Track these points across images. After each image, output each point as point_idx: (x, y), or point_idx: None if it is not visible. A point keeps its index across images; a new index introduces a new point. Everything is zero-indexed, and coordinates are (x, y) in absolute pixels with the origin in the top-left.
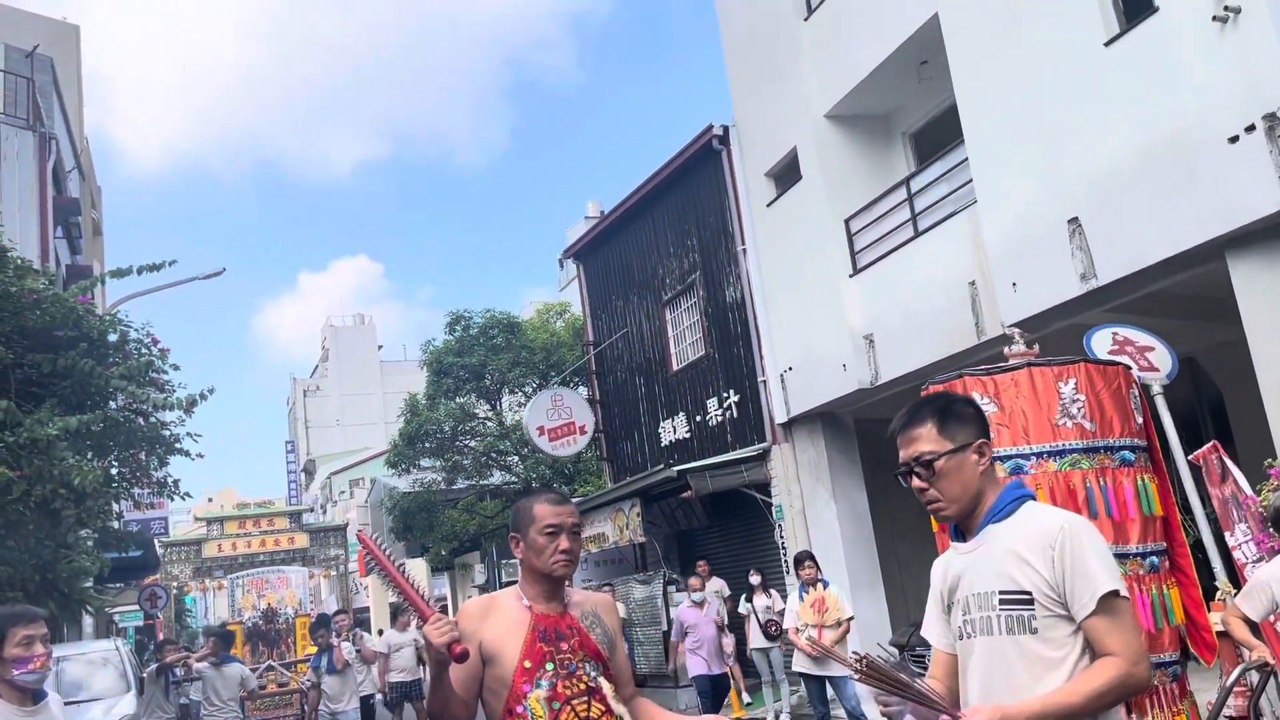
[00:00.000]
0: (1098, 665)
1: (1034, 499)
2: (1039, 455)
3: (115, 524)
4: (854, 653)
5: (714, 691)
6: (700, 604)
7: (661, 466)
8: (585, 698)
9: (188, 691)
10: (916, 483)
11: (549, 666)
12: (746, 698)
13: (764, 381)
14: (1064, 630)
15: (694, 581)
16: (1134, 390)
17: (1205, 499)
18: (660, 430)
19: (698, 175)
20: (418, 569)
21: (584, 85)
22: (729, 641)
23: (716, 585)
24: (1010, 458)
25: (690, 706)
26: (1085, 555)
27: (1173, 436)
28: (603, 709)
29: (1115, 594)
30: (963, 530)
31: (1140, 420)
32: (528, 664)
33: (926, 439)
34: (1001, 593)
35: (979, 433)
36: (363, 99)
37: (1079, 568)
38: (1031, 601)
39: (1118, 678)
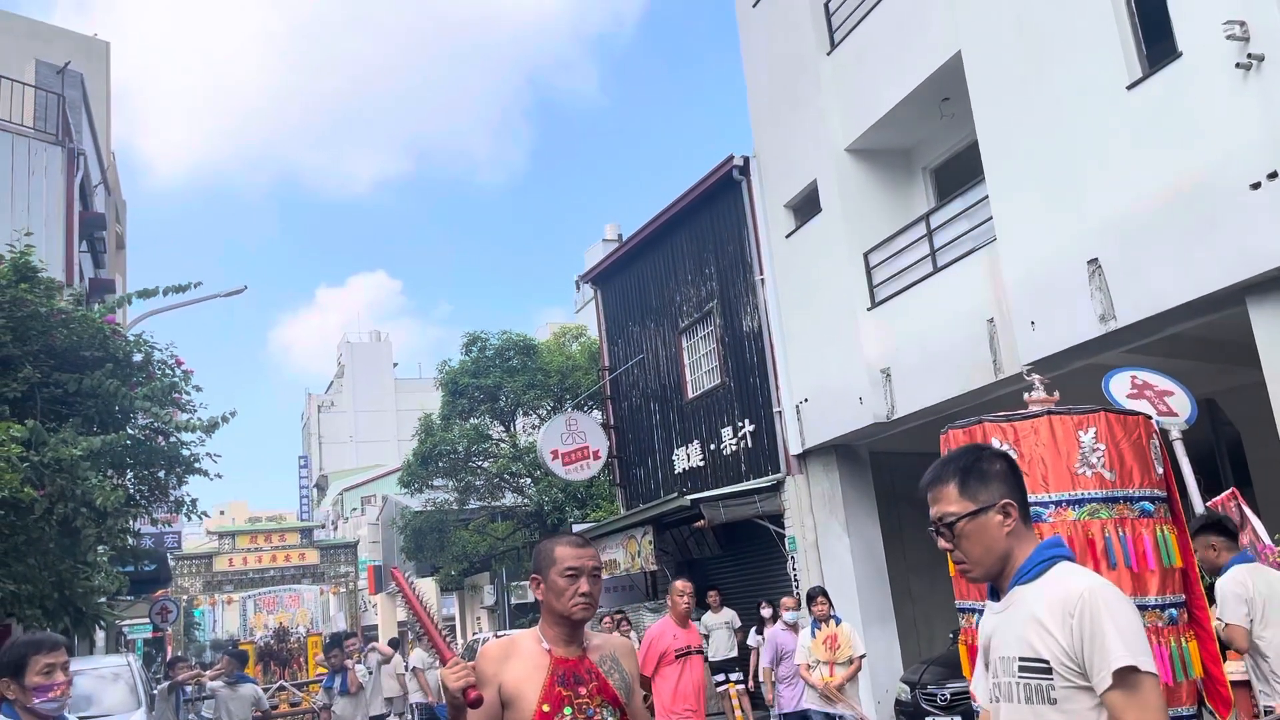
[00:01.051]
0: None
1: (1069, 559)
2: (1058, 504)
3: (132, 541)
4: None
5: None
6: (793, 626)
7: (675, 495)
8: None
9: (199, 709)
10: (942, 543)
11: (567, 711)
12: None
13: (779, 412)
14: (1084, 703)
15: (788, 601)
16: (1154, 440)
17: None
18: (674, 458)
19: (717, 204)
20: (427, 589)
21: (605, 107)
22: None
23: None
24: (1031, 505)
25: None
26: (1103, 625)
27: (1191, 483)
28: None
29: (1134, 670)
30: (996, 588)
31: (1160, 471)
32: (546, 708)
33: (949, 499)
34: (1020, 659)
35: (1004, 492)
36: (384, 116)
37: (1097, 638)
38: (1050, 671)
39: None
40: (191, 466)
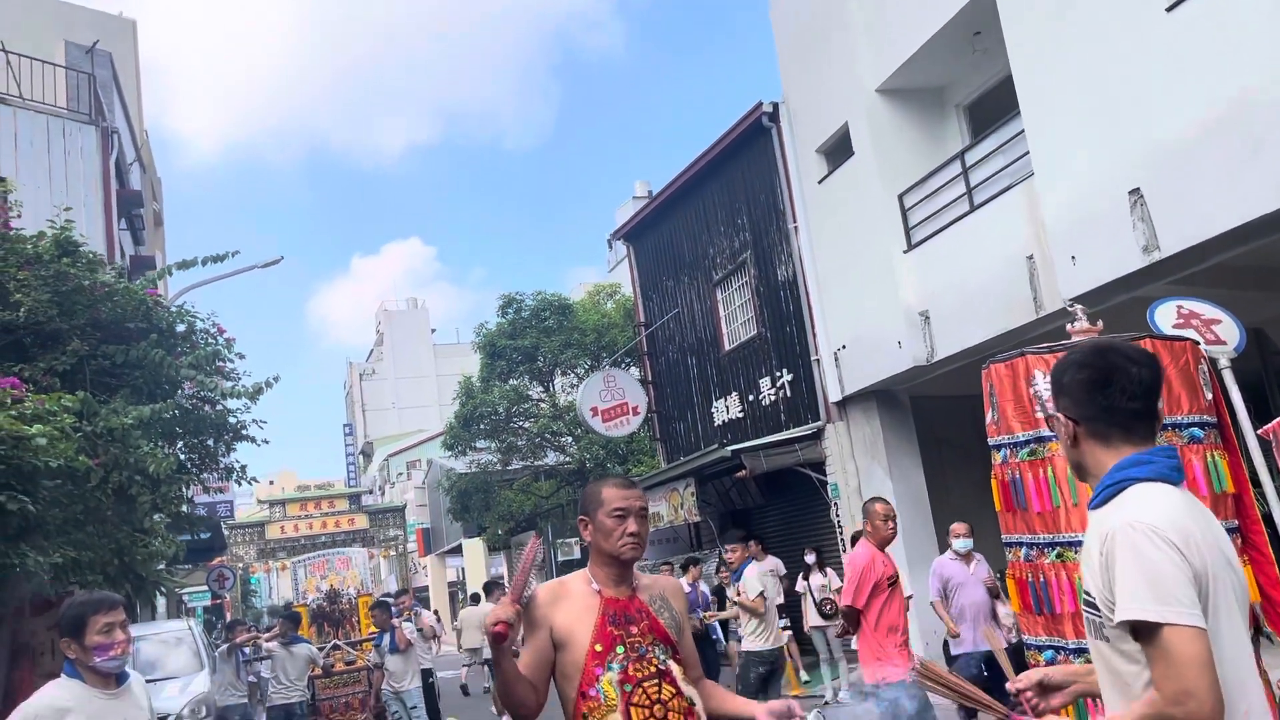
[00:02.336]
0: (1139, 701)
1: (1149, 480)
2: None
3: (186, 509)
4: (916, 657)
5: (992, 676)
6: (965, 556)
7: (715, 446)
8: (656, 680)
9: (258, 670)
10: None
11: (619, 650)
12: (804, 675)
13: (817, 360)
14: (1135, 644)
15: (957, 527)
16: (1202, 366)
17: (1275, 473)
18: (713, 410)
19: (747, 153)
20: (474, 548)
21: (631, 63)
22: (1006, 612)
23: (772, 564)
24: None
25: None
26: (1117, 572)
27: (1241, 410)
28: (673, 691)
29: (1146, 623)
30: None
31: (1209, 396)
32: (599, 648)
33: (1049, 369)
34: (1083, 592)
35: (1068, 406)
36: (412, 82)
37: (1112, 585)
38: (1098, 607)
39: (1150, 718)
40: (239, 434)
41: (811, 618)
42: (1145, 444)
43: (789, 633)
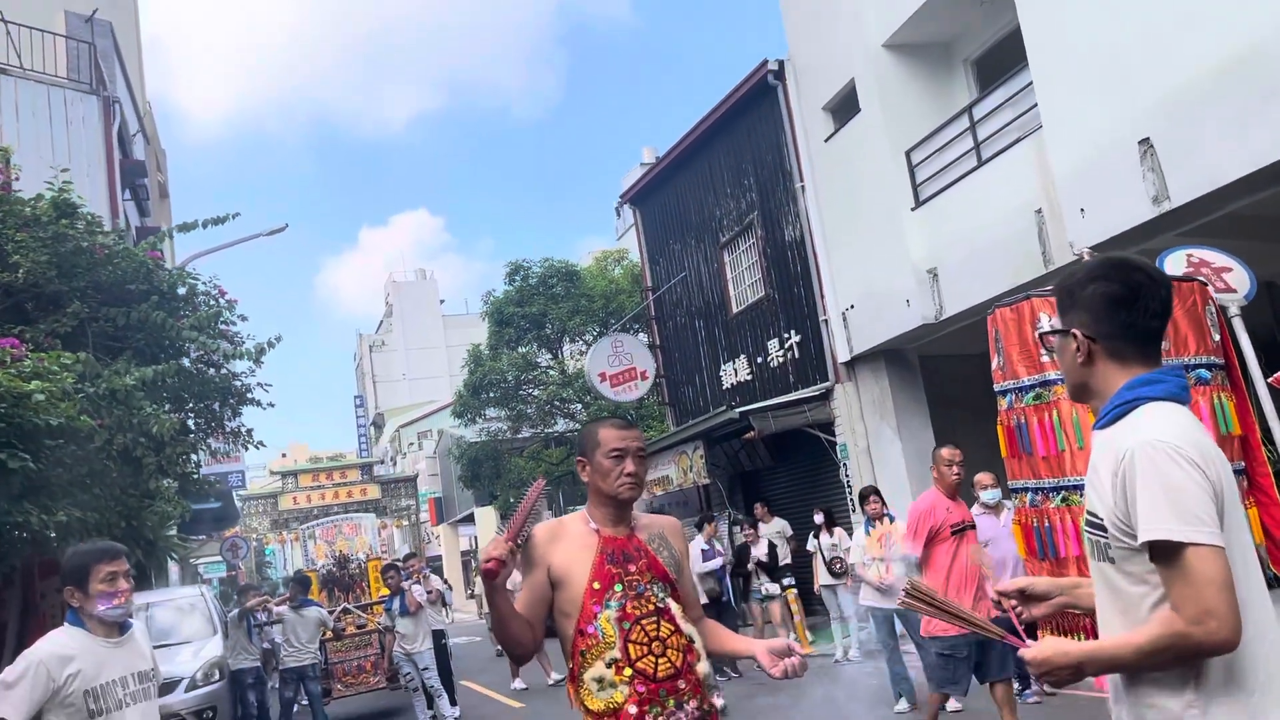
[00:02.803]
0: (1155, 618)
1: (1162, 399)
2: None
3: (195, 473)
4: (907, 579)
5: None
6: (994, 508)
7: (724, 409)
8: (655, 618)
9: (271, 634)
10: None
11: (618, 588)
12: (810, 636)
13: (825, 320)
14: (1142, 565)
15: (982, 478)
16: (1210, 307)
17: None
18: (721, 373)
19: (753, 113)
20: (487, 516)
21: (637, 28)
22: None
23: (779, 526)
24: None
25: None
26: (1138, 490)
27: (1251, 358)
28: (671, 629)
29: (1168, 543)
30: None
31: (1217, 338)
32: (596, 585)
33: (1053, 310)
34: (1088, 513)
35: (1085, 320)
36: (417, 52)
37: (1133, 504)
38: (1105, 529)
39: (1167, 637)
40: (244, 397)
41: (822, 577)
42: (1155, 364)
43: (794, 591)
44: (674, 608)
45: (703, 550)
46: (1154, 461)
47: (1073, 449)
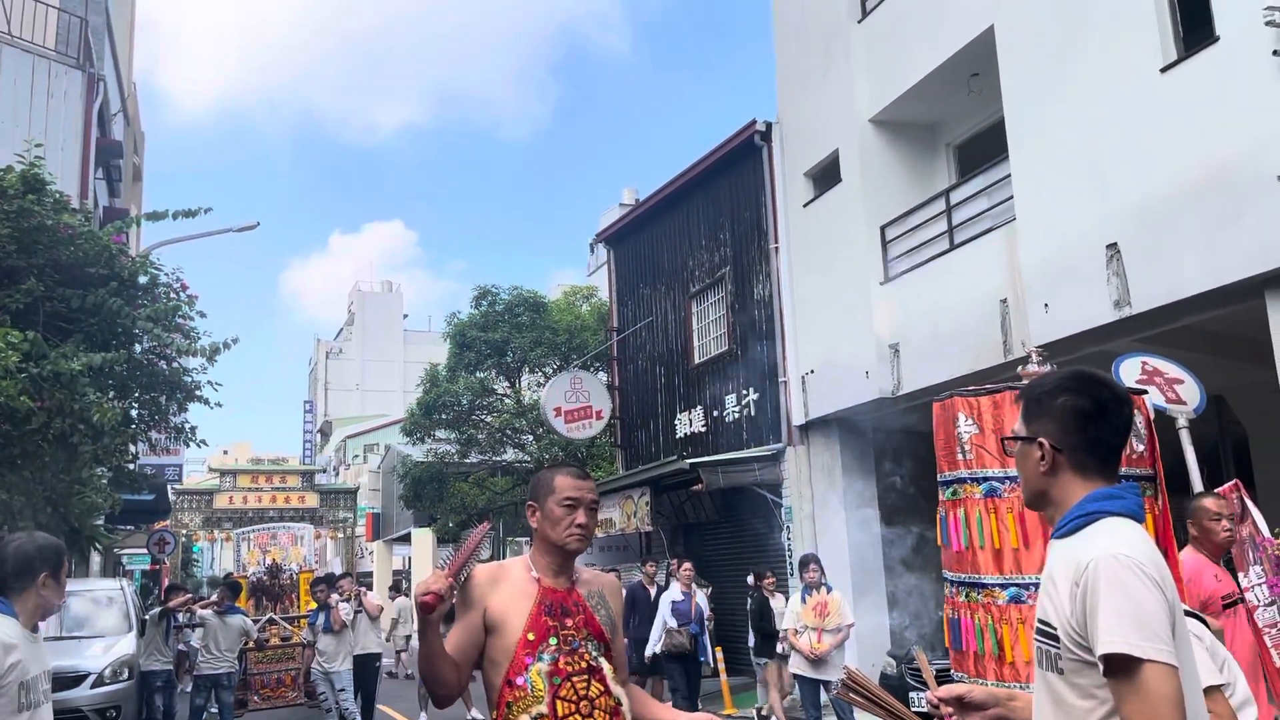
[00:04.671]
0: None
1: (1119, 514)
2: (1013, 479)
3: (131, 465)
4: (845, 667)
5: None
6: None
7: (675, 458)
8: (586, 676)
9: (189, 638)
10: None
11: (552, 641)
12: (733, 697)
13: (784, 382)
14: (1092, 678)
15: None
16: (1138, 417)
17: None
18: (676, 422)
19: (737, 170)
20: (423, 538)
21: (634, 68)
22: None
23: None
24: (986, 479)
25: None
26: (1100, 601)
27: (1194, 471)
28: (601, 689)
29: (1126, 658)
30: None
31: (1141, 448)
32: (531, 636)
33: (1015, 416)
34: (1039, 620)
35: (1051, 430)
36: (411, 61)
37: (1092, 615)
38: (1058, 638)
39: None
40: (192, 394)
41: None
42: (1114, 479)
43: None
44: (606, 668)
45: (674, 603)
46: (1117, 575)
47: (975, 547)
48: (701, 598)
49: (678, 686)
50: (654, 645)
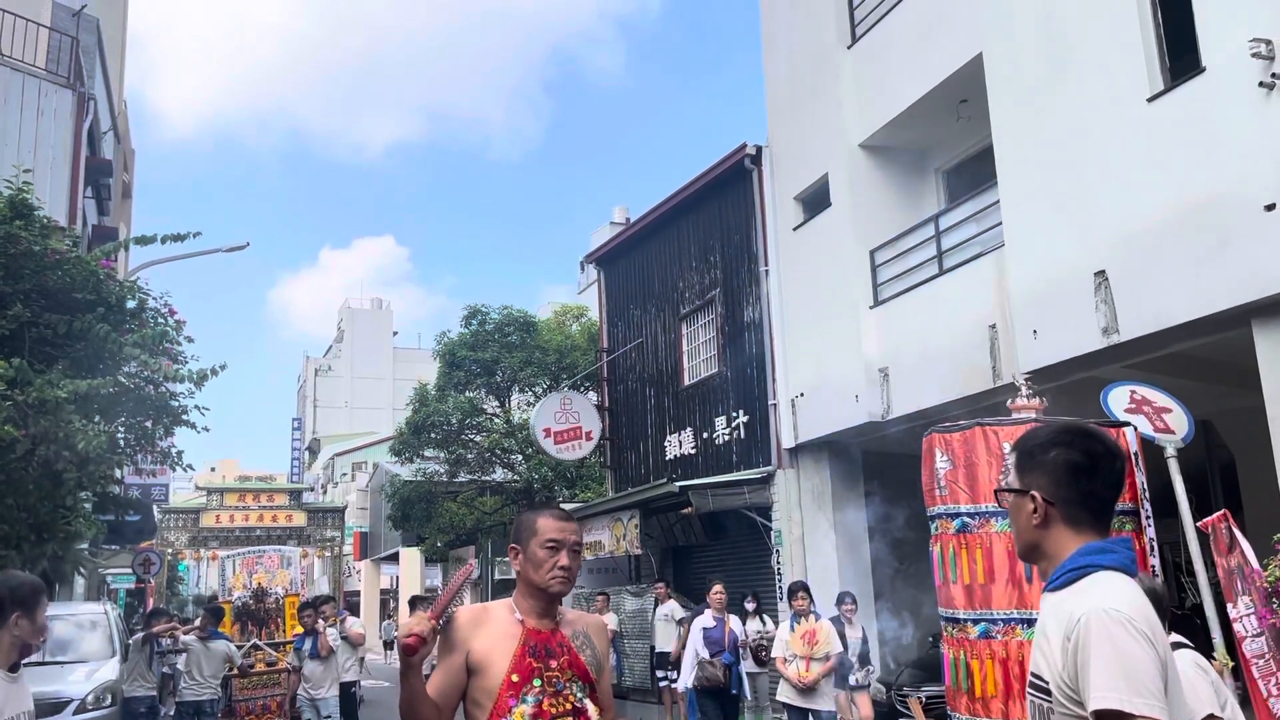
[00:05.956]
0: None
1: (1111, 568)
2: (984, 515)
3: (116, 489)
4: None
5: None
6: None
7: (664, 480)
8: (570, 718)
9: (173, 663)
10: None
11: (536, 683)
12: None
13: (774, 405)
14: None
15: None
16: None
17: (1210, 565)
18: (666, 443)
19: (727, 193)
20: (411, 557)
21: (627, 88)
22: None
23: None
24: (959, 515)
25: None
26: (1091, 656)
27: (1183, 500)
28: None
29: (1118, 714)
30: None
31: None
32: (515, 678)
33: (1010, 470)
34: (1032, 674)
35: (1044, 484)
36: (403, 79)
37: (1083, 670)
38: (1050, 692)
39: None
40: (179, 418)
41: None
42: (1105, 533)
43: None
44: (591, 709)
45: (705, 630)
46: (1108, 630)
47: (949, 581)
48: (736, 623)
49: None
50: (687, 678)
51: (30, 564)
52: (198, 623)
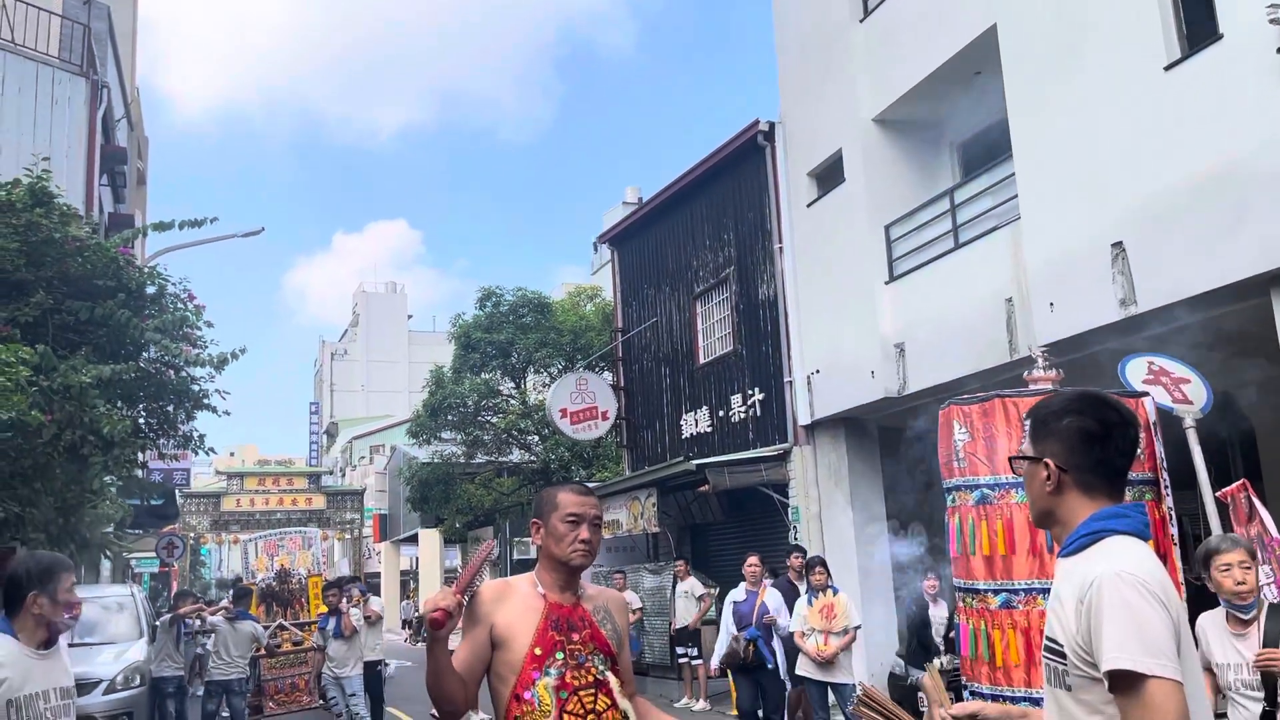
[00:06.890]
0: None
1: (1125, 533)
2: (1003, 486)
3: (140, 473)
4: (860, 684)
5: None
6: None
7: (681, 459)
8: (592, 690)
9: (203, 643)
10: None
11: (559, 656)
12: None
13: (790, 382)
14: (1099, 694)
15: None
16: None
17: None
18: (682, 422)
19: (740, 170)
20: (430, 538)
21: (638, 67)
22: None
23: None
24: (978, 487)
25: None
26: (1104, 619)
27: (1201, 471)
28: (609, 703)
29: (1130, 674)
30: None
31: (1141, 452)
32: (538, 651)
33: (1025, 437)
34: (1047, 638)
35: (1057, 451)
36: (413, 62)
37: (1096, 633)
38: (1065, 655)
39: None
40: (200, 402)
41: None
42: (1119, 499)
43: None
44: (613, 681)
45: (735, 604)
46: (1121, 593)
47: (968, 553)
48: (773, 594)
49: (744, 707)
50: (719, 656)
51: (57, 546)
52: (224, 603)
